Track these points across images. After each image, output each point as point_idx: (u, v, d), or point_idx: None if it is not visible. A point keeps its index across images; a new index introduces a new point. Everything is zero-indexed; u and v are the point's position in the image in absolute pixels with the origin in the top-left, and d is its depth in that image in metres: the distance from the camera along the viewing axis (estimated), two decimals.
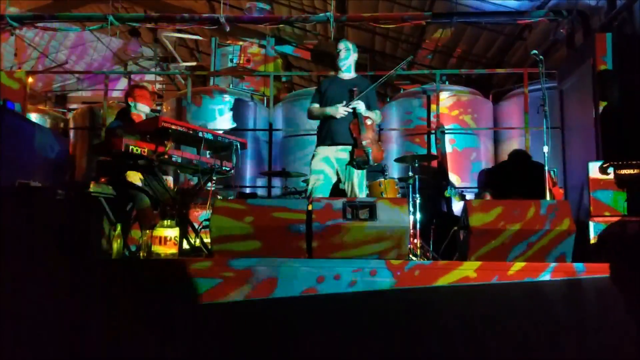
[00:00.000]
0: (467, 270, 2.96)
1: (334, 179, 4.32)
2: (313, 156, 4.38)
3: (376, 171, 5.31)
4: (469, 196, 6.07)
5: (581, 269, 2.98)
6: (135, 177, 4.17)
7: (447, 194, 5.35)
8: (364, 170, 4.32)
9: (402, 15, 7.21)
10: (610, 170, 4.08)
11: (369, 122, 4.24)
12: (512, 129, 7.29)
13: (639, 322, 2.79)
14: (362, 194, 4.30)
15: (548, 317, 2.91)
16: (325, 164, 4.27)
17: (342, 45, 4.47)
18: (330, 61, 4.59)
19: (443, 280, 2.94)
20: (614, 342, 2.84)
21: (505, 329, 2.90)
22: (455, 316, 2.91)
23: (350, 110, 4.25)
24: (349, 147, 4.25)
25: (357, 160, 4.17)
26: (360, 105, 4.25)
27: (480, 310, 2.93)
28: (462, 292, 2.92)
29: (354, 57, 4.51)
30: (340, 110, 4.23)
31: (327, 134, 4.31)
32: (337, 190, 4.38)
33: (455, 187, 5.93)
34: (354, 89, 4.27)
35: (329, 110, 4.30)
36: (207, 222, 3.33)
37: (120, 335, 2.86)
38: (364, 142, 4.16)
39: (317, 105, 4.45)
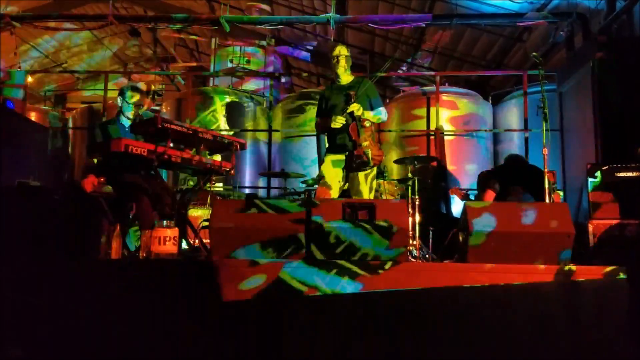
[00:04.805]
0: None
1: (343, 184, 4.34)
2: (322, 162, 4.41)
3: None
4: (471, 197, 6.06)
5: (580, 271, 2.98)
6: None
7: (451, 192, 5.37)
8: (370, 172, 4.31)
9: (402, 17, 7.22)
10: (609, 172, 4.09)
11: (367, 124, 4.25)
12: (511, 131, 7.29)
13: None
14: (366, 195, 4.29)
15: (547, 319, 2.91)
16: (335, 170, 4.29)
17: (338, 52, 4.41)
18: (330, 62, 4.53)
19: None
20: (612, 343, 2.85)
21: (504, 331, 2.90)
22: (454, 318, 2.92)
23: (347, 116, 4.25)
24: (350, 151, 4.27)
25: (357, 162, 4.17)
26: (356, 108, 4.24)
27: (480, 312, 2.93)
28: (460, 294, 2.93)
29: (349, 60, 4.48)
30: (337, 121, 4.23)
31: (335, 141, 4.34)
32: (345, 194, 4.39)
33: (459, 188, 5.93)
34: (351, 92, 4.28)
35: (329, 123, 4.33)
36: (207, 222, 3.33)
37: (119, 335, 2.86)
38: (362, 144, 4.18)
39: (319, 120, 4.47)
